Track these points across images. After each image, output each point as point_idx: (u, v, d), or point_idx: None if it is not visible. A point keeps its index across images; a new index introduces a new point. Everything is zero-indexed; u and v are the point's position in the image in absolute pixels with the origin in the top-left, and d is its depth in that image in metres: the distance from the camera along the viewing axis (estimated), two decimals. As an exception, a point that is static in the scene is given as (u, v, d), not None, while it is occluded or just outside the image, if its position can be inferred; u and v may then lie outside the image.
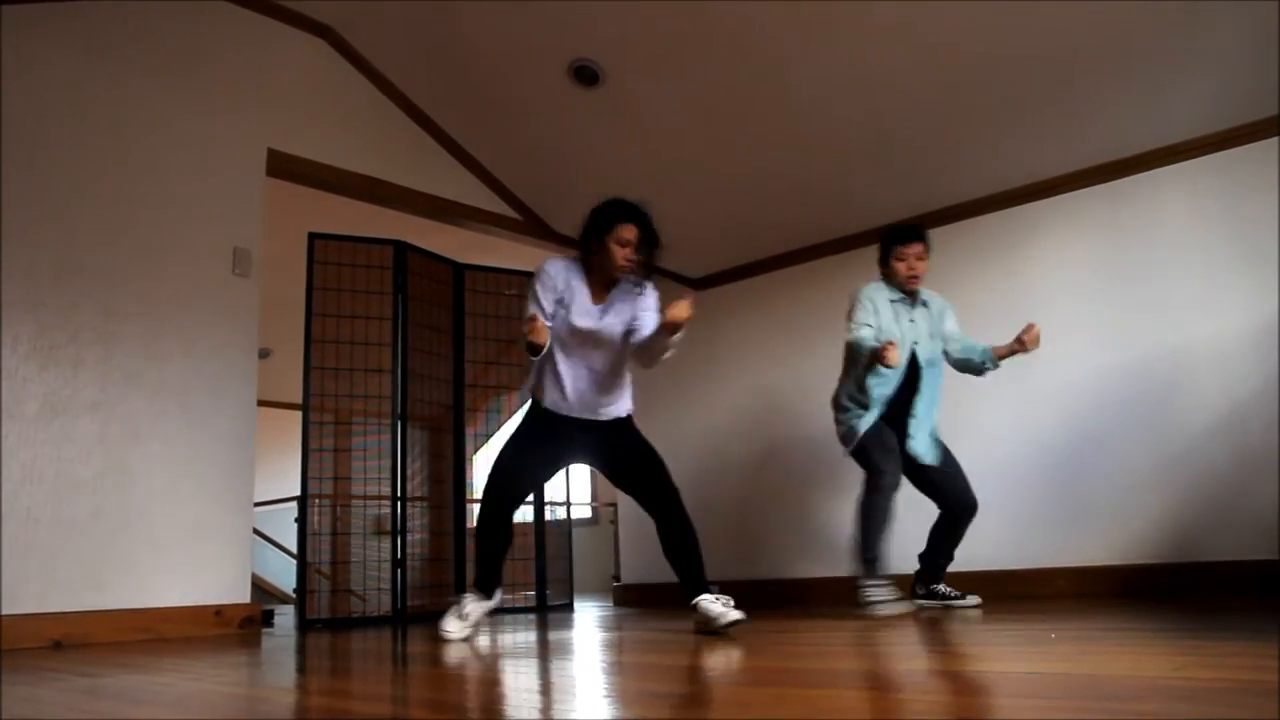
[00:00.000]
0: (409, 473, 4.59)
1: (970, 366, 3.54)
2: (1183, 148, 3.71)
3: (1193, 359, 3.61)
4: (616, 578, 5.90)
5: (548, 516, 5.22)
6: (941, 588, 3.50)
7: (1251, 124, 3.54)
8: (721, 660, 1.97)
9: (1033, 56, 3.39)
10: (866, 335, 3.31)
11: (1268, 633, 1.90)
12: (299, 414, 4.45)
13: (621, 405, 3.20)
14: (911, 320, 3.44)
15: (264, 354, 5.29)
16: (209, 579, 3.60)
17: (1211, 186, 3.66)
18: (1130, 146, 3.79)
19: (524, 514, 5.14)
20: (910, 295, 3.46)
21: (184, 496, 3.57)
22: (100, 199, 3.53)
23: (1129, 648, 1.74)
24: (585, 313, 2.94)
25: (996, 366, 3.50)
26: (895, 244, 3.45)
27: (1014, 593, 3.87)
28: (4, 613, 3.06)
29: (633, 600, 5.34)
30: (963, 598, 3.45)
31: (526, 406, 3.16)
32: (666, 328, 2.76)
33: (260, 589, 8.20)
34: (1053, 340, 3.97)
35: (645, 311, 2.97)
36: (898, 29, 3.36)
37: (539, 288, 2.93)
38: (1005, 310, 4.13)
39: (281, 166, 4.06)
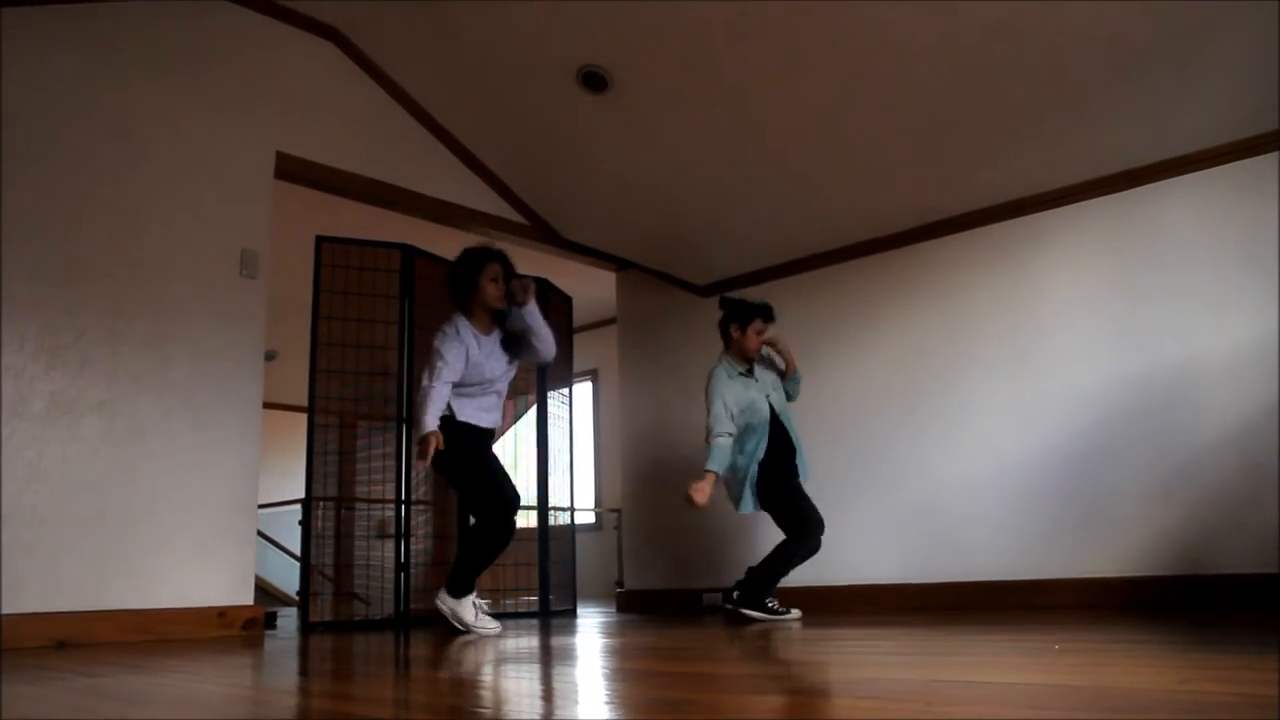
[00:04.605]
0: (413, 476, 4.59)
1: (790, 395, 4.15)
2: (1192, 159, 3.70)
3: (1201, 370, 3.60)
4: (620, 583, 5.89)
5: (551, 521, 5.21)
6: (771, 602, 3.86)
7: (1261, 135, 3.53)
8: (725, 668, 1.96)
9: (1042, 66, 3.38)
10: (725, 446, 3.84)
11: (1274, 646, 1.89)
12: (304, 416, 4.46)
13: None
14: (756, 380, 3.99)
15: (270, 356, 5.30)
16: (212, 580, 3.60)
17: (1220, 197, 3.65)
18: (1139, 157, 3.78)
19: (528, 519, 5.14)
20: (748, 363, 4.01)
21: (188, 497, 3.58)
22: (109, 200, 3.54)
23: (1134, 660, 1.73)
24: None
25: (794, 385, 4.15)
26: (756, 318, 3.97)
27: (1019, 604, 3.85)
28: (7, 612, 3.06)
29: (636, 606, 5.33)
30: (787, 612, 3.81)
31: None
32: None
33: (263, 591, 8.21)
34: (1061, 350, 3.97)
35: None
36: (908, 39, 3.36)
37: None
38: (1013, 320, 4.13)
39: (289, 169, 4.08)
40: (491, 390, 3.60)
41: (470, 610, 3.44)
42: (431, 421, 3.28)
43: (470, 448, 3.48)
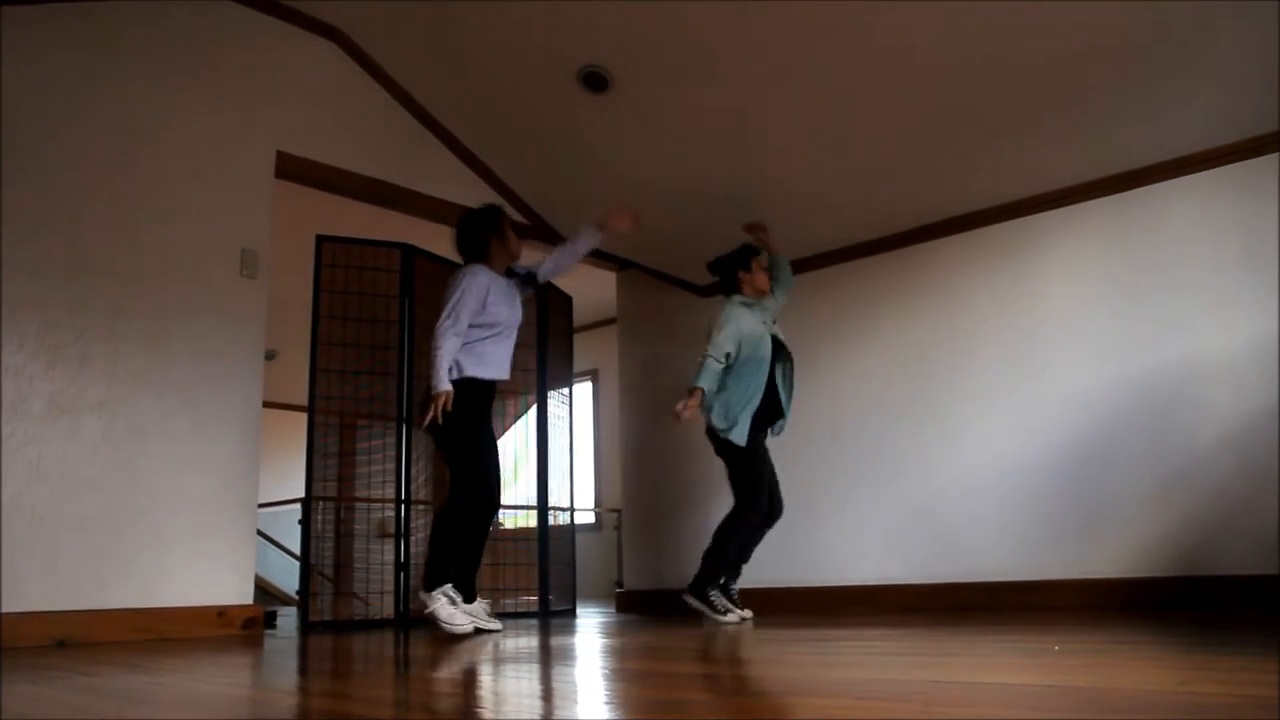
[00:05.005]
0: (413, 476, 4.59)
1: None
2: (1192, 160, 3.70)
3: (1201, 371, 3.60)
4: (619, 584, 5.89)
5: (551, 521, 5.21)
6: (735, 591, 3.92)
7: (1261, 137, 3.53)
8: (724, 668, 1.96)
9: (1042, 68, 3.38)
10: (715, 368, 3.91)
11: (1274, 647, 1.89)
12: (304, 416, 4.46)
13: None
14: (764, 314, 4.06)
15: (270, 355, 5.31)
16: (212, 580, 3.60)
17: (1220, 199, 3.65)
18: (1139, 158, 3.78)
19: (528, 519, 5.14)
20: (760, 297, 4.11)
21: (188, 497, 3.58)
22: (109, 199, 3.54)
23: (1134, 661, 1.73)
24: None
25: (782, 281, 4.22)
26: (754, 255, 4.12)
27: (1018, 604, 3.85)
28: (7, 611, 3.06)
29: (636, 606, 5.33)
30: (726, 612, 3.78)
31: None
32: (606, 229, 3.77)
33: (263, 591, 8.21)
34: (1060, 351, 3.97)
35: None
36: (907, 40, 3.36)
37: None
38: (1013, 321, 4.13)
39: (290, 169, 4.08)
40: (504, 337, 3.56)
41: (441, 604, 3.27)
42: (445, 377, 3.30)
43: (474, 414, 3.45)
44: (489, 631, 3.38)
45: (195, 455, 3.63)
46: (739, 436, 3.86)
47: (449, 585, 3.33)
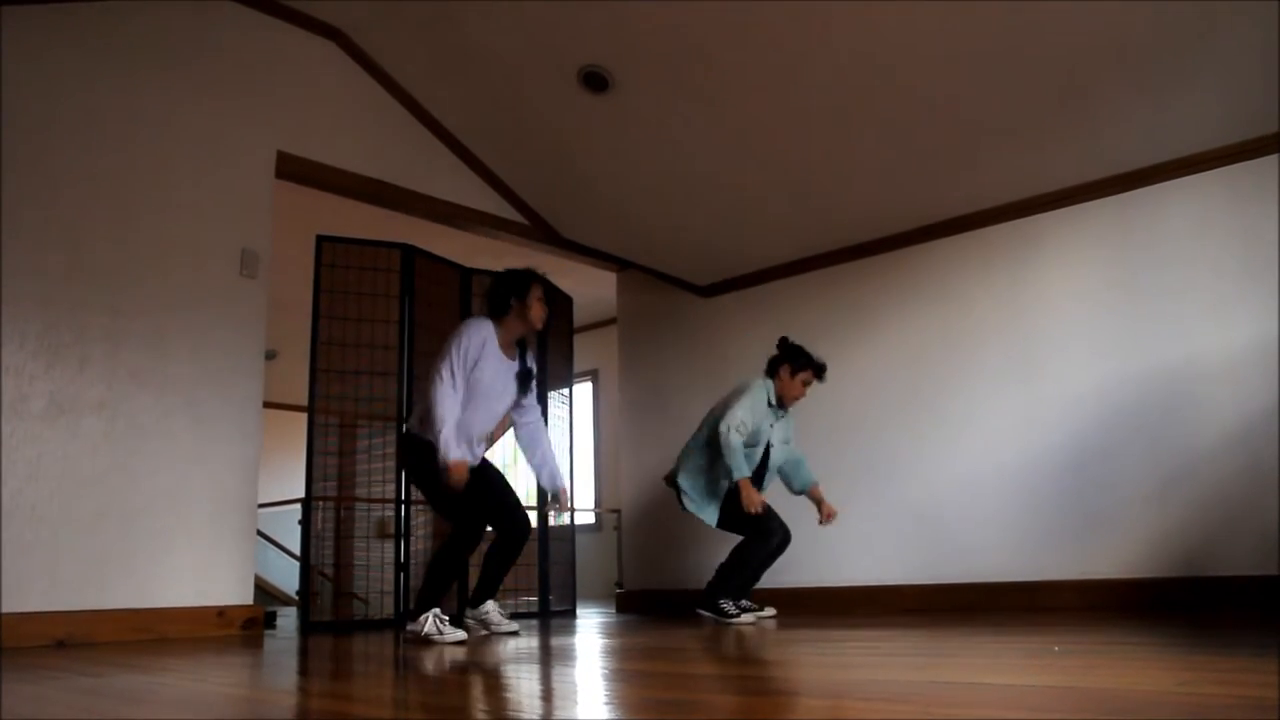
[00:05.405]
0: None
1: (785, 478, 4.15)
2: (1192, 160, 3.70)
3: (1200, 372, 3.60)
4: (620, 584, 5.89)
5: (551, 522, 5.21)
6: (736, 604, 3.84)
7: (1261, 138, 3.53)
8: (725, 669, 1.96)
9: (1043, 68, 3.38)
10: (737, 443, 3.80)
11: (1273, 649, 1.89)
12: (304, 416, 4.46)
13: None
14: (776, 422, 4.01)
15: (270, 355, 5.31)
16: (212, 580, 3.60)
17: (1221, 200, 3.65)
18: (1140, 159, 3.78)
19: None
20: (783, 407, 4.03)
21: (188, 497, 3.58)
22: (110, 199, 3.54)
23: (1134, 662, 1.73)
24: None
25: (800, 492, 4.16)
26: (807, 368, 4.00)
27: (1018, 605, 3.85)
28: (7, 611, 3.06)
29: (636, 607, 5.33)
30: (739, 615, 3.76)
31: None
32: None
33: (263, 591, 8.20)
34: (1060, 352, 3.97)
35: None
36: (907, 40, 3.36)
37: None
38: (1013, 321, 4.13)
39: (290, 169, 4.08)
40: (485, 414, 3.33)
41: (429, 624, 3.09)
42: (453, 446, 3.08)
43: (470, 492, 3.21)
44: (505, 634, 3.37)
45: (195, 455, 3.63)
46: (709, 518, 3.92)
47: (438, 609, 3.14)
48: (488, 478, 3.42)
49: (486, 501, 3.34)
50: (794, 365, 3.97)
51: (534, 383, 3.50)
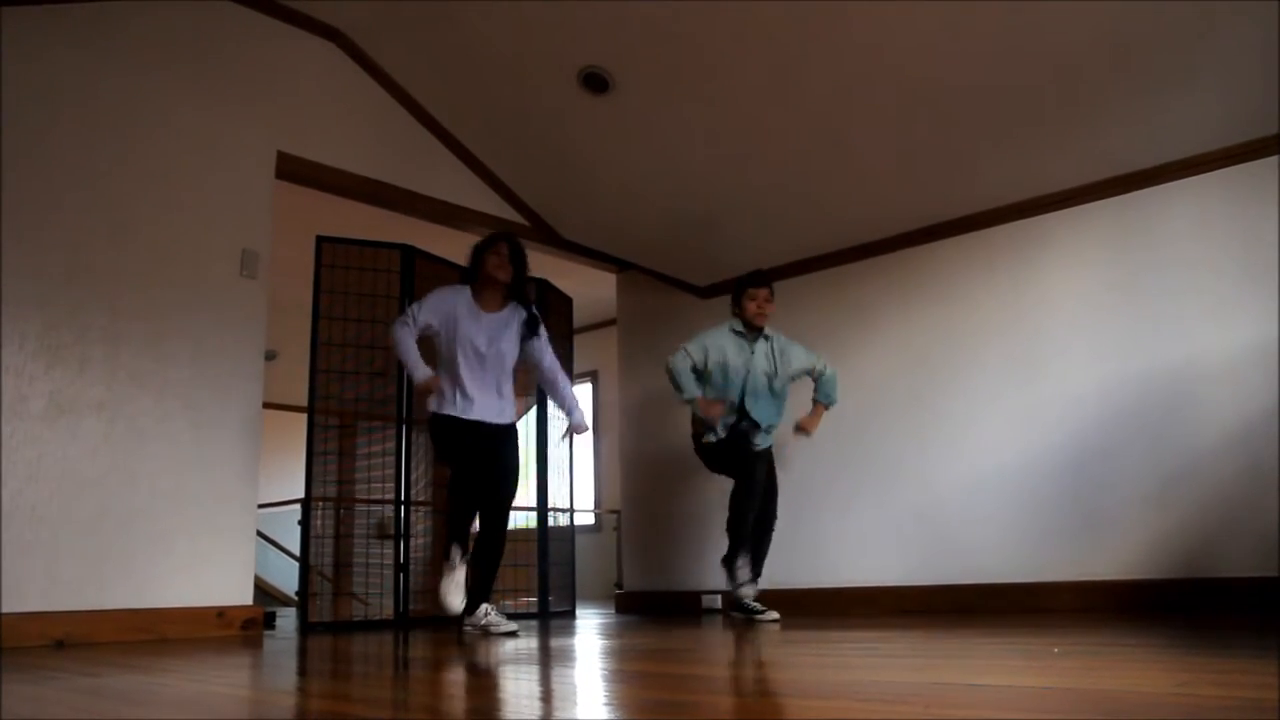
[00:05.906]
0: (413, 477, 4.59)
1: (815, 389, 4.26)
2: (1193, 162, 3.70)
3: (1201, 373, 3.60)
4: (619, 585, 5.89)
5: (550, 523, 5.21)
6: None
7: (1262, 139, 3.53)
8: (724, 670, 1.96)
9: (1044, 70, 3.38)
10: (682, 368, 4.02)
11: (1271, 650, 1.89)
12: (304, 417, 4.46)
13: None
14: (751, 352, 4.05)
15: (270, 356, 5.31)
16: (212, 580, 3.60)
17: (1221, 201, 3.65)
18: (1140, 160, 3.78)
19: (527, 520, 5.14)
20: (754, 331, 4.08)
21: (188, 497, 3.58)
22: (110, 200, 3.55)
23: (1132, 663, 1.74)
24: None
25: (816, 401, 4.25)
26: (747, 286, 4.08)
27: (1018, 606, 3.85)
28: (7, 611, 3.06)
29: (635, 607, 5.33)
30: (764, 611, 3.78)
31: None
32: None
33: (262, 591, 8.20)
34: (1061, 353, 3.97)
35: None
36: (908, 41, 3.36)
37: None
38: (1014, 322, 4.13)
39: (290, 169, 4.08)
40: (486, 371, 3.53)
41: (491, 615, 3.42)
42: (419, 369, 3.41)
43: (443, 449, 3.53)
44: (504, 634, 3.36)
45: (195, 455, 3.63)
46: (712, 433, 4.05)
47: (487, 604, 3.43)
48: (495, 444, 3.51)
49: (480, 459, 3.46)
50: (738, 293, 4.12)
51: (540, 326, 3.66)
